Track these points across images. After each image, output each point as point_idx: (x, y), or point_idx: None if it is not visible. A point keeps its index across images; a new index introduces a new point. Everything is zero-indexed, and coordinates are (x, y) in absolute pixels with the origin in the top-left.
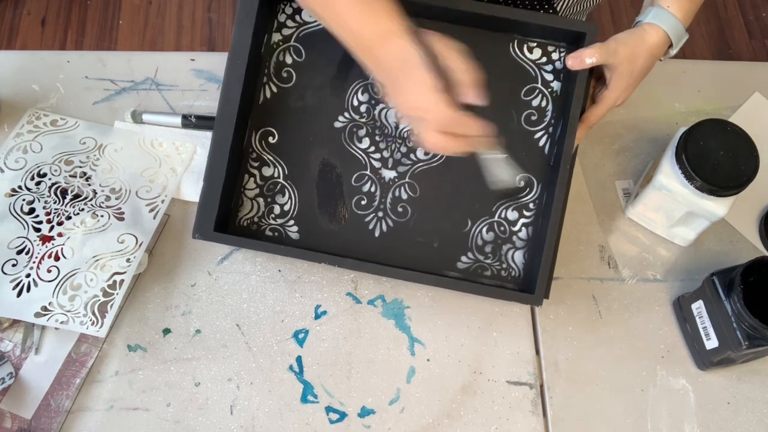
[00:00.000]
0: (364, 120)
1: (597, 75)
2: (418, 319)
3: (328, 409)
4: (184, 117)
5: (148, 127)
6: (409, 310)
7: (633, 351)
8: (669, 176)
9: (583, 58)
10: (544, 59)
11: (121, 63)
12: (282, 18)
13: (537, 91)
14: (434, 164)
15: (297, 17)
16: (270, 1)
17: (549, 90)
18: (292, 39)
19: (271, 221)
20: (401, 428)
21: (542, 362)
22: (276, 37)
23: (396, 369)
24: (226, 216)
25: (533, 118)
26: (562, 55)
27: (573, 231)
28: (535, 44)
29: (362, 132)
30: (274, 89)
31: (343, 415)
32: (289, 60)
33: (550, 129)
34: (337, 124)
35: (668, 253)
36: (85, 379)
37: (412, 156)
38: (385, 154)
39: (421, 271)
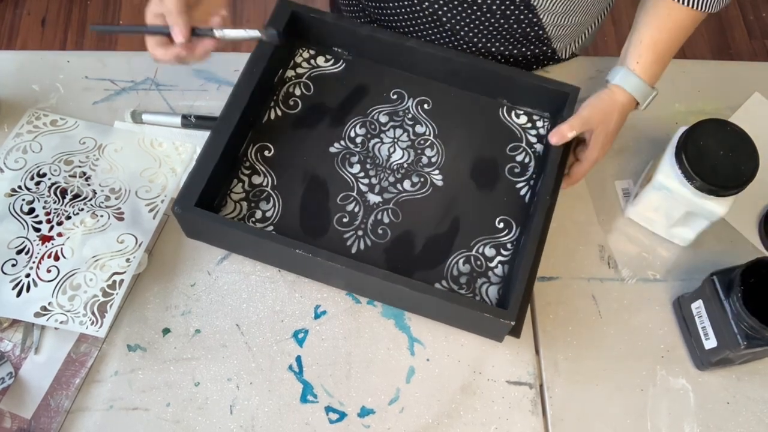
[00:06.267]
0: (358, 149)
1: (578, 138)
2: (417, 319)
3: (328, 409)
4: (184, 117)
5: (148, 127)
6: None
7: (633, 351)
8: (669, 176)
9: (564, 134)
10: (530, 125)
11: (121, 63)
12: (299, 60)
13: (521, 149)
14: (419, 196)
15: (312, 61)
16: (291, 44)
17: (532, 150)
18: (304, 77)
19: (251, 224)
20: (401, 428)
21: (542, 362)
22: (290, 73)
23: (396, 369)
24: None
25: (516, 170)
26: (546, 123)
27: (573, 231)
28: (522, 112)
29: (354, 159)
30: (279, 113)
31: (342, 415)
32: (297, 92)
33: (531, 182)
34: (332, 150)
35: (668, 253)
36: (85, 379)
37: (398, 186)
38: (374, 180)
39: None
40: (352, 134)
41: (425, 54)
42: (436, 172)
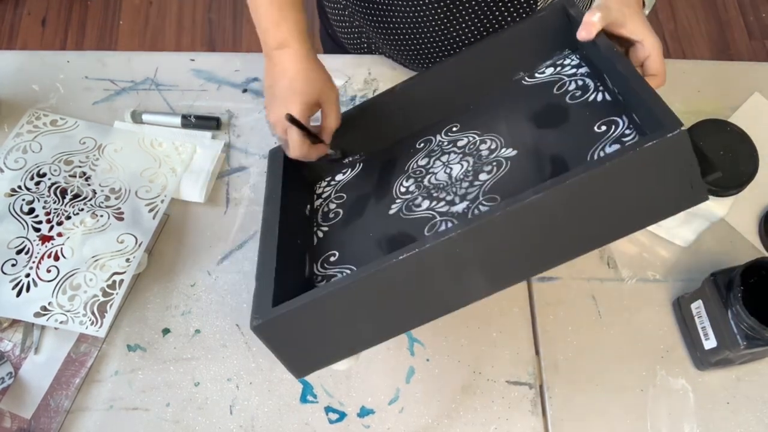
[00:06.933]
0: (416, 193)
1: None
2: None
3: (328, 409)
4: (184, 117)
5: (148, 127)
6: None
7: (633, 351)
8: None
9: (589, 20)
10: (559, 68)
11: (121, 63)
12: (319, 190)
13: (567, 82)
14: (501, 174)
15: (332, 182)
16: (309, 184)
17: (579, 74)
18: (332, 195)
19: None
20: (400, 428)
21: (542, 362)
22: (318, 202)
23: (395, 369)
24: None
25: (578, 93)
26: (575, 56)
27: None
28: (542, 67)
29: (419, 201)
30: (326, 229)
31: (342, 415)
32: (332, 206)
33: (600, 88)
34: (392, 211)
35: (668, 253)
36: (85, 378)
37: (475, 183)
38: (449, 197)
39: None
40: (402, 190)
41: (422, 91)
42: (503, 150)
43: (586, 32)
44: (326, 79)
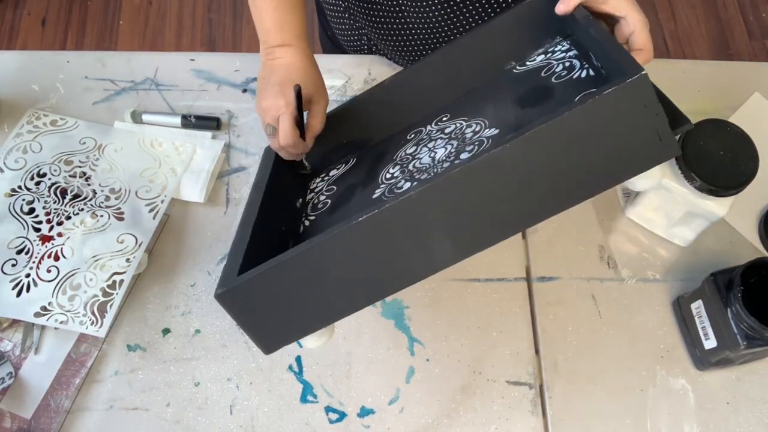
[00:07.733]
0: (399, 176)
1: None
2: (417, 319)
3: (328, 409)
4: (184, 117)
5: (148, 127)
6: (409, 310)
7: (633, 351)
8: (669, 176)
9: None
10: (549, 54)
11: (121, 63)
12: (313, 185)
13: (555, 65)
14: (481, 151)
15: (326, 177)
16: (302, 183)
17: (569, 56)
18: (324, 188)
19: None
20: (401, 428)
21: (542, 362)
22: (310, 196)
23: (395, 369)
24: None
25: (563, 73)
26: (566, 42)
27: (573, 231)
28: (534, 55)
29: (401, 183)
30: (313, 217)
31: (342, 415)
32: (322, 198)
33: (586, 66)
34: (375, 195)
35: (668, 253)
36: (85, 379)
37: (456, 162)
38: (428, 177)
39: None
40: (388, 176)
41: (412, 84)
42: (486, 131)
43: (564, 5)
44: (322, 82)
